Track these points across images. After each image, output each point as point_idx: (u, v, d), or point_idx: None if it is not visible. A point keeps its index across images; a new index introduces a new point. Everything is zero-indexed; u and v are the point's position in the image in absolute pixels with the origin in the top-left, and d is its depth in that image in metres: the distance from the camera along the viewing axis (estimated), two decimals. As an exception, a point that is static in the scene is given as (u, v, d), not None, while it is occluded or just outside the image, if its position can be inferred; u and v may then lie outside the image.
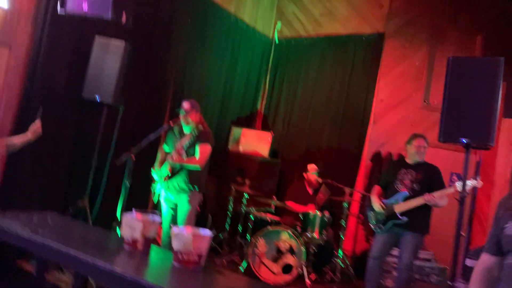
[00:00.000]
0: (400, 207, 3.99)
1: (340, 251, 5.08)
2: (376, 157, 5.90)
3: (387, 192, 4.24)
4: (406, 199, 3.99)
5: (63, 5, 3.76)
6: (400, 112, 5.98)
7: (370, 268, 4.13)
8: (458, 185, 3.59)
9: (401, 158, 4.41)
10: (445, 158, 5.66)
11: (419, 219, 3.97)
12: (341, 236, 5.10)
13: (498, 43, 5.81)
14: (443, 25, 6.00)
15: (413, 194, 3.97)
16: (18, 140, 3.41)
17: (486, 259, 1.71)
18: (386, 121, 6.00)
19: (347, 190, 5.13)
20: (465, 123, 3.23)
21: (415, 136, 4.25)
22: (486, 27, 5.93)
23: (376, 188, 4.36)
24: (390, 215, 4.04)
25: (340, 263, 5.01)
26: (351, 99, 6.28)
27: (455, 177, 5.72)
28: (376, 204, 4.17)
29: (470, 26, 5.96)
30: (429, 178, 4.02)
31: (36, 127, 3.47)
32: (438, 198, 3.84)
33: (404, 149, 4.33)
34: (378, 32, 6.17)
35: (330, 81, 6.51)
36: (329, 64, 6.57)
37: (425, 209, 3.95)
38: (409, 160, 4.22)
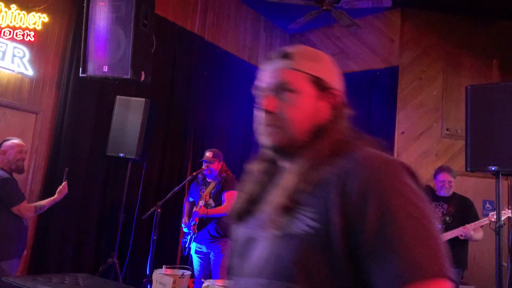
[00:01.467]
0: None
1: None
2: (404, 191, 5.77)
3: None
4: None
5: (84, 68, 3.92)
6: (424, 143, 5.90)
7: None
8: (493, 215, 3.49)
9: (431, 190, 4.30)
10: (475, 185, 5.51)
11: (455, 254, 3.82)
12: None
13: (515, 65, 5.77)
14: (457, 52, 6.01)
15: (445, 227, 3.85)
16: (46, 202, 3.50)
17: None
18: (410, 153, 5.92)
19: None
20: (491, 150, 3.16)
21: (439, 170, 4.16)
22: (501, 50, 5.91)
23: None
24: None
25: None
26: (372, 134, 6.20)
27: (488, 205, 5.55)
28: None
29: (485, 51, 5.95)
30: (462, 211, 3.90)
31: (62, 187, 3.56)
32: (473, 230, 3.71)
33: (432, 180, 4.23)
34: (392, 66, 6.20)
35: (349, 117, 6.50)
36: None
37: (461, 243, 3.81)
38: (438, 193, 4.12)
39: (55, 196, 3.53)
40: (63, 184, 3.58)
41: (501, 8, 5.66)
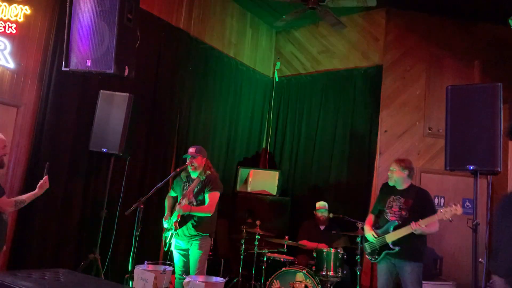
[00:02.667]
0: (391, 237, 3.93)
1: (357, 287, 4.95)
2: (386, 188, 5.85)
3: (380, 220, 4.18)
4: (396, 228, 3.93)
5: (67, 62, 3.87)
6: (406, 141, 5.98)
7: None
8: (442, 211, 3.62)
9: (387, 185, 4.32)
10: (455, 184, 5.61)
11: (412, 247, 3.87)
12: (357, 271, 4.99)
13: (496, 66, 5.88)
14: (440, 53, 6.10)
15: (402, 222, 3.91)
16: (26, 196, 3.44)
17: None
18: (392, 151, 6.00)
19: (359, 224, 5.05)
20: (470, 150, 3.23)
21: None
22: (482, 52, 6.03)
23: (369, 217, 4.31)
24: (383, 245, 3.99)
25: (359, 300, 4.87)
26: (355, 132, 6.31)
27: (468, 203, 5.66)
28: (369, 234, 4.12)
29: (466, 52, 6.06)
30: (419, 204, 3.94)
31: (43, 182, 3.51)
32: (425, 226, 3.75)
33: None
34: (377, 65, 6.26)
35: (334, 115, 6.56)
36: (331, 99, 6.64)
37: (418, 236, 3.86)
38: (398, 186, 4.16)
39: (36, 190, 3.48)
40: (44, 178, 3.53)
41: (483, 11, 5.76)
